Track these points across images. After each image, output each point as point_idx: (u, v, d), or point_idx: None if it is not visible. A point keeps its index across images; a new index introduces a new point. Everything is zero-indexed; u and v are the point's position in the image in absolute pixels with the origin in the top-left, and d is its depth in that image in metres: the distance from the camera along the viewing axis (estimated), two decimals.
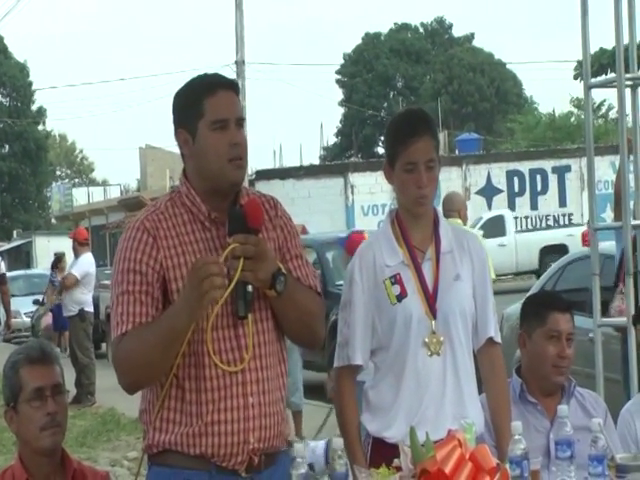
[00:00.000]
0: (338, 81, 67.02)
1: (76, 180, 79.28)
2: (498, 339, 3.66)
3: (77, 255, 13.71)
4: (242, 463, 3.13)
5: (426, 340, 3.50)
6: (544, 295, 5.26)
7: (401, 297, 3.50)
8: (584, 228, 29.78)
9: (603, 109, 52.14)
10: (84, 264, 13.56)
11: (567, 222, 33.51)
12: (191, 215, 3.19)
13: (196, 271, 2.96)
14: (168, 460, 3.16)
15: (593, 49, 14.57)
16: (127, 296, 3.10)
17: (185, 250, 3.14)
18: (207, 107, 3.15)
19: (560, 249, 28.43)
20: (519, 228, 31.67)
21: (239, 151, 3.16)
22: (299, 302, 3.18)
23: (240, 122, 3.19)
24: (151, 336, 3.03)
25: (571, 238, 28.69)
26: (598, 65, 14.69)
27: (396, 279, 3.51)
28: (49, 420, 3.41)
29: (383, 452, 3.43)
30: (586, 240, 28.42)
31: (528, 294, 9.92)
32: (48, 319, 13.95)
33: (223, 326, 3.12)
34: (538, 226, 33.40)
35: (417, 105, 41.26)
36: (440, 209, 3.73)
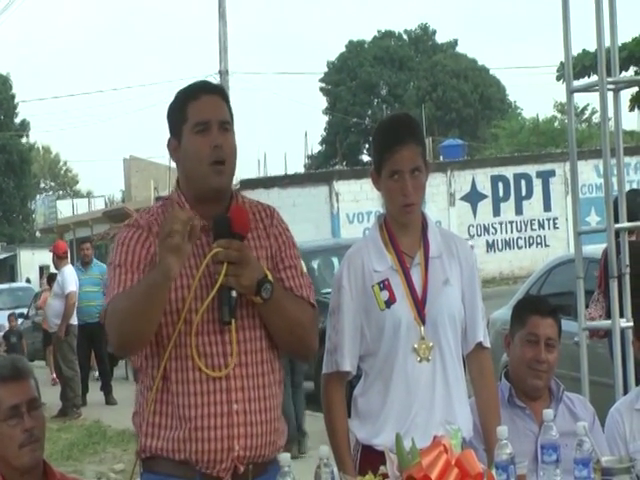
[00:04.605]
0: (322, 89, 66.92)
1: (60, 192, 78.91)
2: (487, 344, 3.67)
3: (58, 268, 13.87)
4: (226, 470, 3.15)
5: (415, 346, 3.48)
6: (529, 299, 5.32)
7: (390, 303, 3.48)
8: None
9: (587, 113, 52.34)
10: (71, 277, 13.59)
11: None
12: None
13: (164, 226, 2.98)
14: (155, 467, 3.20)
15: (575, 51, 14.56)
16: (119, 269, 3.15)
17: None
18: (190, 111, 3.18)
19: None
20: None
21: (221, 154, 3.15)
22: (288, 312, 3.16)
23: (225, 125, 3.18)
24: (134, 292, 3.04)
25: None
26: (581, 66, 14.62)
27: (385, 285, 3.50)
28: (27, 436, 3.36)
29: (372, 460, 3.41)
30: None
31: (514, 298, 9.98)
32: None
33: (209, 331, 3.14)
34: None
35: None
36: (428, 213, 3.71)
